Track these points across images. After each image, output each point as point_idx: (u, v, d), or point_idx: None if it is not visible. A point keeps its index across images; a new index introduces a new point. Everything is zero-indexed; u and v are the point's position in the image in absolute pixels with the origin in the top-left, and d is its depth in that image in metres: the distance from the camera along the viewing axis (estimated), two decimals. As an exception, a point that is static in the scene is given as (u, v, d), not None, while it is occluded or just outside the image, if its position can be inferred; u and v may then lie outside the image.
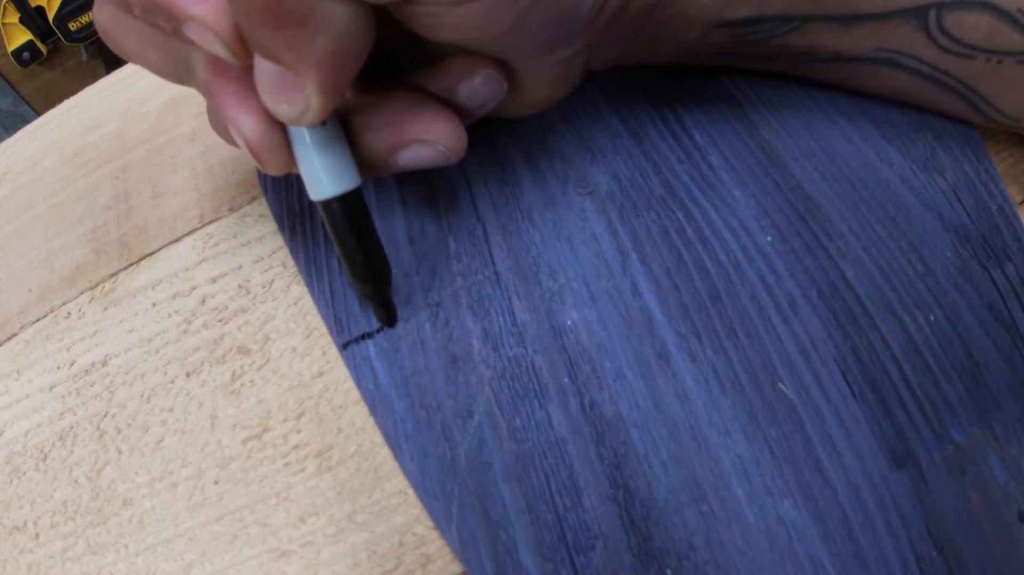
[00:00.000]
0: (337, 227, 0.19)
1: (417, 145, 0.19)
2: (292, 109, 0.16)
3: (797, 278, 0.21)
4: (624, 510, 0.18)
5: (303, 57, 0.15)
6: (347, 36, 0.15)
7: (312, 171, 0.18)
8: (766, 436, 0.19)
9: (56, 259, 0.28)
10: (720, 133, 0.23)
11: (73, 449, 0.23)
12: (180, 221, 0.27)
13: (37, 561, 0.22)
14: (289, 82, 0.16)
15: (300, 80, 0.16)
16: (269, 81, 0.16)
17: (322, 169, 0.18)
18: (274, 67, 0.16)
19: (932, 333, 0.20)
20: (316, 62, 0.15)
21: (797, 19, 0.20)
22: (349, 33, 0.15)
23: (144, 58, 0.18)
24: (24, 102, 1.40)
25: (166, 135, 0.30)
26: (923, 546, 0.18)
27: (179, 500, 0.22)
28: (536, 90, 0.21)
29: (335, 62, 0.16)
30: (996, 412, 0.19)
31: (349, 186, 0.18)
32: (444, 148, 0.19)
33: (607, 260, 0.21)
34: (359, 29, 0.16)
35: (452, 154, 0.19)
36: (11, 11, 1.27)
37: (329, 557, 0.20)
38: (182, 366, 0.24)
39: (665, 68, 0.25)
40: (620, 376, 0.20)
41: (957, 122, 0.24)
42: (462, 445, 0.20)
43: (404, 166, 0.20)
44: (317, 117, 0.17)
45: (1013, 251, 0.21)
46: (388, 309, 0.21)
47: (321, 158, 0.18)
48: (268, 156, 0.18)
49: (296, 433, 0.22)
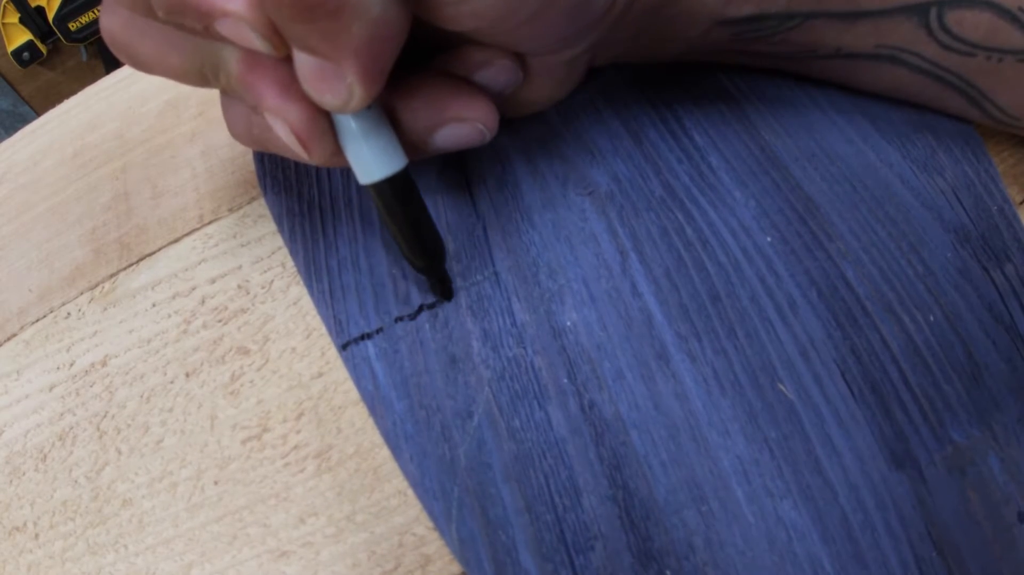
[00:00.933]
0: (389, 208, 0.19)
1: (455, 124, 0.19)
2: (336, 98, 0.16)
3: (797, 279, 0.21)
4: (623, 510, 0.18)
5: (340, 47, 0.15)
6: (382, 22, 0.15)
7: (360, 156, 0.18)
8: (766, 437, 0.19)
9: (56, 259, 0.28)
10: (720, 134, 0.23)
11: (73, 449, 0.23)
12: (180, 221, 0.27)
13: (37, 561, 0.22)
14: (329, 72, 0.16)
15: (340, 70, 0.16)
16: (310, 72, 0.16)
17: (370, 153, 0.18)
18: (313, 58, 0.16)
19: (932, 333, 0.20)
20: (354, 51, 0.15)
21: (799, 16, 0.20)
22: (383, 19, 0.15)
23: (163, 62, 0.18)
24: (24, 102, 1.40)
25: (166, 135, 0.30)
26: (923, 547, 0.18)
27: (179, 500, 0.22)
28: (541, 88, 0.21)
29: (372, 49, 0.16)
30: (996, 412, 0.19)
31: (397, 167, 0.19)
32: (482, 126, 0.19)
33: (607, 261, 0.21)
34: (393, 13, 0.15)
35: (488, 132, 0.20)
36: (11, 11, 1.27)
37: (329, 557, 0.20)
38: (182, 366, 0.24)
39: (665, 68, 0.25)
40: (620, 377, 0.20)
41: (957, 122, 0.24)
42: (462, 446, 0.20)
43: (440, 147, 0.20)
44: (362, 104, 0.17)
45: (1013, 251, 0.21)
46: (445, 284, 0.21)
47: (368, 142, 0.18)
48: (316, 144, 0.18)
49: (295, 433, 0.22)
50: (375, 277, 0.22)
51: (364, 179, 0.19)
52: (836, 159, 0.23)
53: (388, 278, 0.22)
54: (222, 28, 0.16)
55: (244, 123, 0.20)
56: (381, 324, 0.22)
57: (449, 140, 0.20)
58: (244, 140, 0.20)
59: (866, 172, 0.22)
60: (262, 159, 0.26)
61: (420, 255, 0.20)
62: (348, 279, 0.22)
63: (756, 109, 0.24)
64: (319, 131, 0.18)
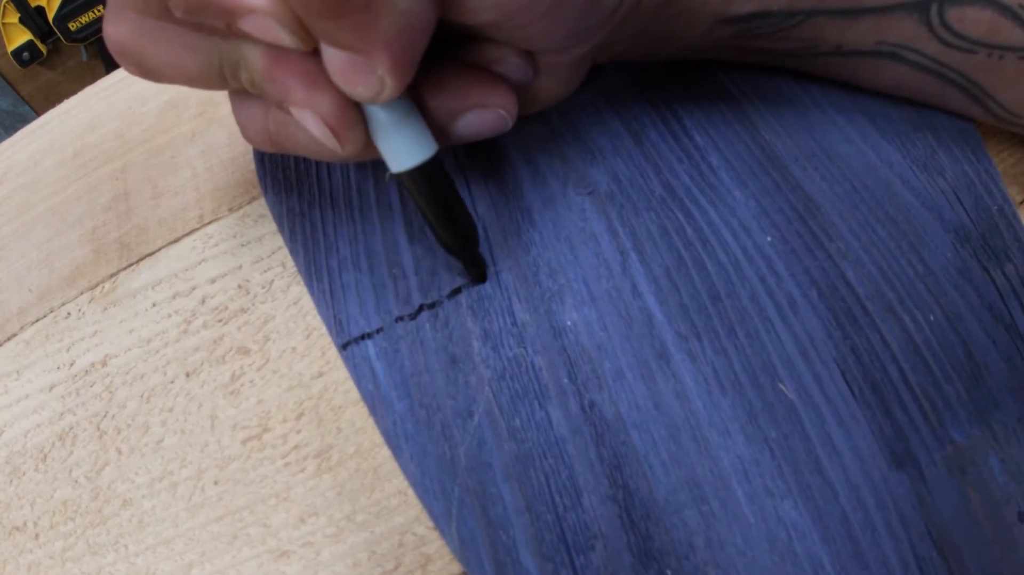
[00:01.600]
0: (422, 195, 0.19)
1: (477, 110, 0.19)
2: (368, 90, 0.16)
3: (797, 278, 0.21)
4: (624, 510, 0.18)
5: (370, 40, 0.15)
6: (411, 13, 0.15)
7: (391, 145, 0.18)
8: (766, 436, 0.19)
9: (56, 259, 0.28)
10: (720, 133, 0.23)
11: (73, 449, 0.23)
12: (180, 221, 0.27)
13: (37, 561, 0.22)
14: (359, 65, 0.16)
15: (371, 63, 0.16)
16: (340, 66, 0.16)
17: (401, 142, 0.18)
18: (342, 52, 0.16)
19: (932, 333, 0.20)
20: (384, 43, 0.15)
21: (801, 14, 0.20)
22: (413, 10, 0.15)
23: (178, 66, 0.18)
24: (24, 102, 1.40)
25: (166, 135, 0.30)
26: (923, 546, 0.18)
27: (179, 500, 0.22)
28: (548, 87, 0.21)
29: (403, 40, 0.15)
30: (996, 412, 0.19)
31: (428, 154, 0.19)
32: (503, 112, 0.19)
33: (607, 260, 0.21)
34: (422, 5, 0.15)
35: (510, 118, 0.20)
36: (11, 11, 1.27)
37: (329, 557, 0.20)
38: (182, 366, 0.24)
39: (666, 68, 0.25)
40: (620, 376, 0.20)
41: (957, 122, 0.24)
42: (462, 445, 0.20)
43: (462, 134, 0.20)
44: (393, 94, 0.16)
45: (1013, 251, 0.21)
46: (479, 266, 0.21)
47: (399, 131, 0.18)
48: (349, 134, 0.18)
49: (296, 433, 0.22)
50: (375, 277, 0.22)
51: (396, 167, 0.19)
52: (836, 159, 0.23)
53: (388, 278, 0.22)
54: (246, 25, 0.16)
55: (260, 123, 0.19)
56: (381, 324, 0.22)
57: (471, 127, 0.19)
58: (259, 141, 0.20)
59: (866, 172, 0.22)
60: (262, 159, 0.26)
61: (455, 238, 0.20)
62: (348, 279, 0.22)
63: (756, 109, 0.24)
64: (352, 121, 0.17)
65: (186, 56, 0.17)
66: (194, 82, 0.18)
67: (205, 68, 0.18)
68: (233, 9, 0.15)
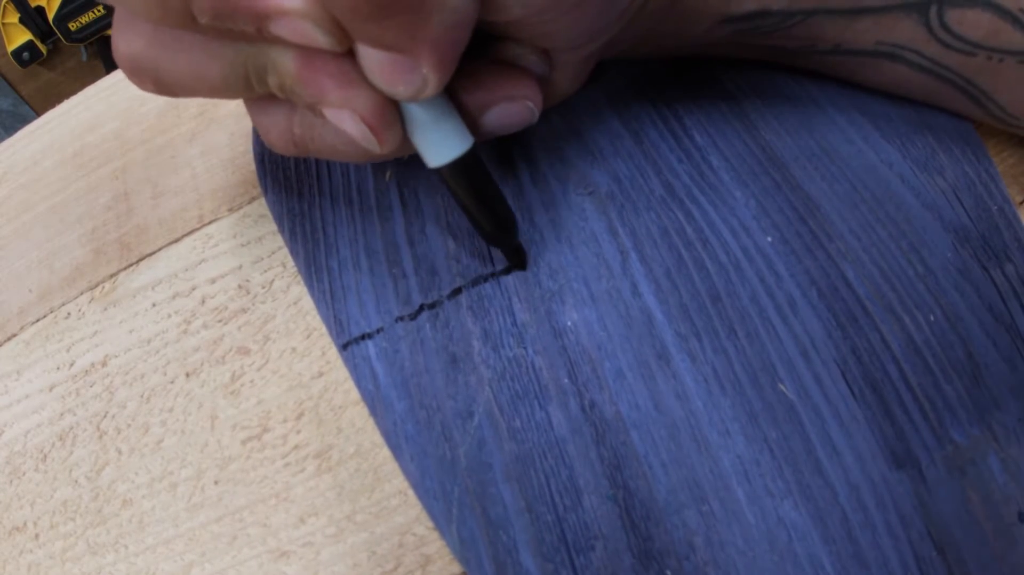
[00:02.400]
0: (462, 187, 0.19)
1: (506, 103, 0.19)
2: (409, 88, 0.16)
3: (797, 278, 0.21)
4: (624, 511, 0.18)
5: (418, 40, 0.15)
6: (460, 8, 0.15)
7: (428, 141, 0.18)
8: (766, 437, 0.19)
9: (56, 259, 0.28)
10: (720, 133, 0.23)
11: (73, 449, 0.23)
12: (180, 221, 0.27)
13: (37, 561, 0.22)
14: (401, 64, 0.15)
15: (415, 62, 0.15)
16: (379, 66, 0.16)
17: (439, 137, 0.18)
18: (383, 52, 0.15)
19: (932, 333, 0.20)
20: (431, 42, 0.15)
21: (801, 13, 0.20)
22: (461, 7, 0.15)
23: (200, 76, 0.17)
24: (24, 102, 1.41)
25: (166, 135, 0.30)
26: (923, 546, 0.18)
27: (179, 500, 0.22)
28: (558, 84, 0.21)
29: (449, 38, 0.15)
30: (996, 412, 0.19)
31: (466, 147, 0.19)
32: (531, 104, 0.19)
33: (607, 260, 0.21)
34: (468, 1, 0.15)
35: (536, 110, 0.19)
36: (11, 11, 1.27)
37: (329, 557, 0.20)
38: (182, 366, 0.24)
39: (666, 68, 0.25)
40: (620, 376, 0.20)
41: (957, 122, 0.24)
42: (462, 446, 0.20)
43: (491, 127, 0.20)
44: (434, 92, 0.16)
45: (1013, 251, 0.21)
46: (520, 253, 0.22)
47: (436, 126, 0.18)
48: (386, 132, 0.17)
49: (296, 433, 0.22)
50: (375, 277, 0.22)
51: (435, 162, 0.19)
52: (836, 159, 0.23)
53: (388, 278, 0.22)
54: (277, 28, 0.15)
55: (284, 127, 0.19)
56: (381, 324, 0.22)
57: (500, 119, 0.19)
58: (282, 146, 0.19)
59: (866, 172, 0.22)
60: (262, 159, 0.26)
61: (496, 227, 0.20)
62: (348, 279, 0.22)
63: (756, 109, 0.24)
64: (390, 119, 0.17)
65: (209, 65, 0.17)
66: (217, 92, 0.17)
67: (230, 76, 0.17)
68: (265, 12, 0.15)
